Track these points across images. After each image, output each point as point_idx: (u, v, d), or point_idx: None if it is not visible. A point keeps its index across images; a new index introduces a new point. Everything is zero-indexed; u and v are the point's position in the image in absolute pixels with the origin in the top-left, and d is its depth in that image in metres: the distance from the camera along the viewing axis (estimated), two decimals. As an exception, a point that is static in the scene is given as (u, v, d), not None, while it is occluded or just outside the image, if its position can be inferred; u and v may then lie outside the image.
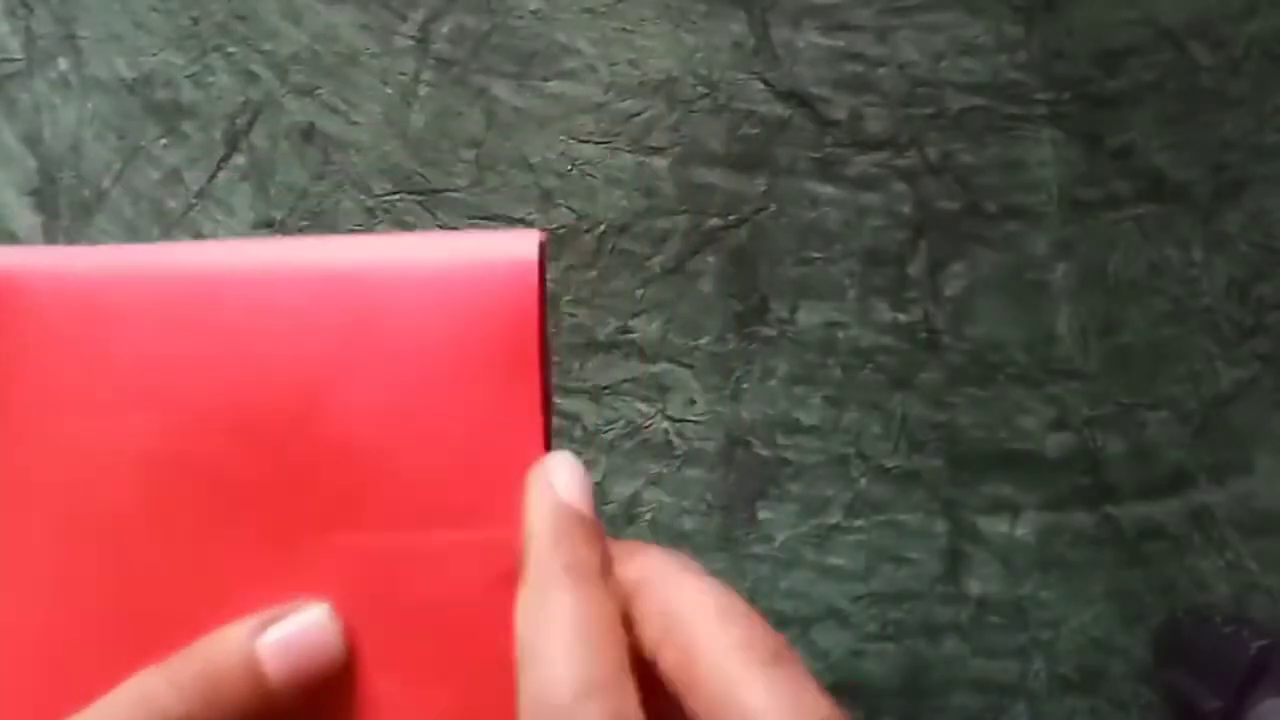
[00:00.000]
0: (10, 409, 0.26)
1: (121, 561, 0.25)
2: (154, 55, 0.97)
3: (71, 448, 0.26)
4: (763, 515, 0.92)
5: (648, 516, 0.92)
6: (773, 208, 0.94)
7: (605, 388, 0.93)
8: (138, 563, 0.25)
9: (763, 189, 0.94)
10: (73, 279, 0.26)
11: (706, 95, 0.95)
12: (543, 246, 0.26)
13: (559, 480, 0.25)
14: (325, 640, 0.26)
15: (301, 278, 0.26)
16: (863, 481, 0.92)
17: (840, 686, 0.91)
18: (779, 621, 0.91)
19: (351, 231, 0.96)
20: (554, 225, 0.93)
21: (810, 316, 0.93)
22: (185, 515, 0.26)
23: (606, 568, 0.25)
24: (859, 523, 0.92)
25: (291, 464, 0.26)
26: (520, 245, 0.26)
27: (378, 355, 0.26)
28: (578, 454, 0.26)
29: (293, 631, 0.25)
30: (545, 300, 0.26)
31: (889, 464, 0.92)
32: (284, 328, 0.26)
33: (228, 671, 0.24)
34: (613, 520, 0.92)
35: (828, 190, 0.93)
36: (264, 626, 0.25)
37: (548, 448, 0.26)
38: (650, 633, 0.24)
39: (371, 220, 0.95)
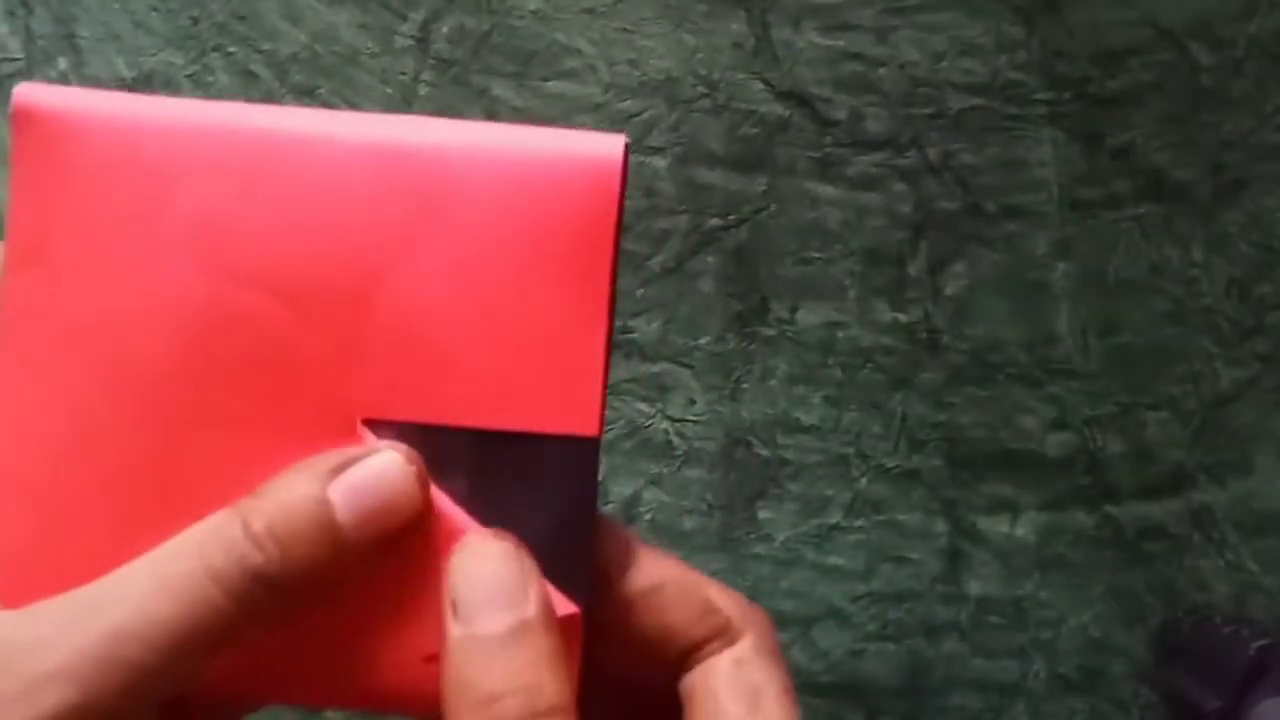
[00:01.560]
0: (54, 250, 0.25)
1: (148, 423, 0.25)
2: (154, 55, 0.97)
3: (113, 297, 0.25)
4: (763, 515, 0.92)
5: (648, 516, 0.92)
6: (773, 208, 0.94)
7: (605, 388, 0.93)
8: (165, 426, 0.25)
9: (763, 189, 0.94)
10: (133, 126, 0.25)
11: (706, 95, 0.95)
12: (627, 149, 0.25)
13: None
14: (401, 488, 0.24)
15: (373, 150, 0.25)
16: (863, 481, 0.92)
17: (840, 686, 0.91)
18: (779, 621, 0.91)
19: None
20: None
21: (810, 316, 0.93)
22: (223, 381, 0.25)
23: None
24: (859, 523, 0.92)
25: (339, 342, 0.25)
26: (605, 145, 0.25)
27: (443, 239, 0.25)
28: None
29: (367, 476, 0.24)
30: (623, 208, 0.26)
31: (889, 464, 0.92)
32: (348, 199, 0.25)
33: (300, 516, 0.23)
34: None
35: (828, 190, 0.93)
36: (335, 471, 0.24)
37: (608, 356, 0.25)
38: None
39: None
